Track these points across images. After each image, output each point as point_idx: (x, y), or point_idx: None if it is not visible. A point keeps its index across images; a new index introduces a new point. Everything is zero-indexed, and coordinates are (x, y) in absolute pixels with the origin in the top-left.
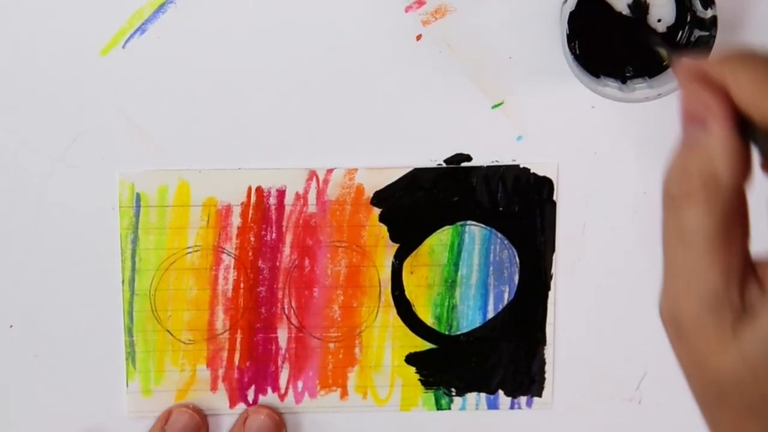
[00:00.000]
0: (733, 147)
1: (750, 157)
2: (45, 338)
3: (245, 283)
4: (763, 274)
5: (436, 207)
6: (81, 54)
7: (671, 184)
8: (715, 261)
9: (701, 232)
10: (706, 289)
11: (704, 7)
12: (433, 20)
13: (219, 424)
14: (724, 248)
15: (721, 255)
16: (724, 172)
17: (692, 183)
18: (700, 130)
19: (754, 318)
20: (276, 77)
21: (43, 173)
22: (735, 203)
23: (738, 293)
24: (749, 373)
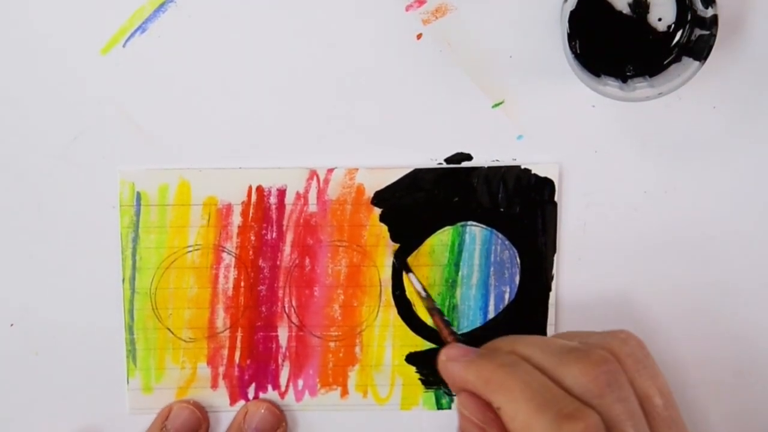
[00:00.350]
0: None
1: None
2: (46, 336)
3: (246, 281)
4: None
5: (436, 207)
6: (81, 53)
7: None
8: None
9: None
10: None
11: (705, 6)
12: (434, 19)
13: (219, 422)
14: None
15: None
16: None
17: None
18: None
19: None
20: (276, 76)
21: (44, 172)
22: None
23: None
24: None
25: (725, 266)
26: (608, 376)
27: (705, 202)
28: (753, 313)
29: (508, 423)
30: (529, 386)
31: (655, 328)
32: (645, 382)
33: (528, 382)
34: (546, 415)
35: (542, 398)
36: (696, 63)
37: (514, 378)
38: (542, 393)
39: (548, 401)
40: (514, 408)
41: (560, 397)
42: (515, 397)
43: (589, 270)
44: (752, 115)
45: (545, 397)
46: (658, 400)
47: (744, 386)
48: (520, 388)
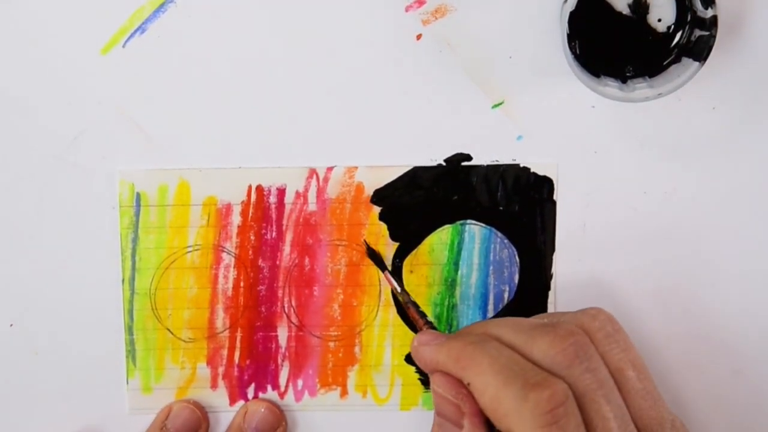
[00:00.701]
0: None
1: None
2: (45, 336)
3: (245, 281)
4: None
5: (436, 206)
6: (81, 53)
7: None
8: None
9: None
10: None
11: (704, 6)
12: (434, 20)
13: (219, 422)
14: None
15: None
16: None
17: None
18: (458, 426)
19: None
20: (276, 76)
21: (44, 172)
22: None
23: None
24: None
25: (725, 266)
26: (576, 347)
27: (704, 203)
28: (753, 312)
29: (479, 397)
30: (496, 360)
31: (654, 328)
32: (616, 355)
33: (496, 357)
34: (513, 385)
35: (509, 371)
36: (695, 64)
37: (482, 353)
38: (509, 366)
39: (515, 373)
40: (483, 381)
41: (527, 368)
42: (483, 370)
43: (588, 270)
44: (752, 116)
45: (513, 370)
46: (630, 373)
47: (743, 386)
48: (488, 362)
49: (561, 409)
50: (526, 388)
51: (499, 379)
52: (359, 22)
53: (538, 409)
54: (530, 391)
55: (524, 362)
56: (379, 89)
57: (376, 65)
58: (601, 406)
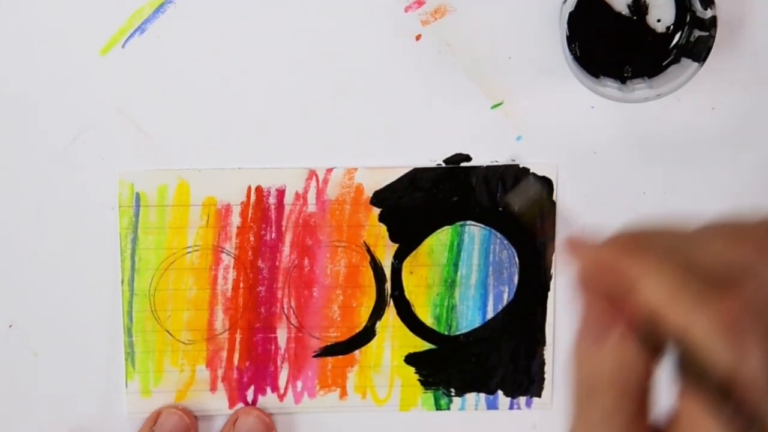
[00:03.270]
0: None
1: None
2: (44, 337)
3: (245, 282)
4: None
5: (435, 207)
6: (81, 53)
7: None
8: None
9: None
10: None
11: (704, 7)
12: (433, 20)
13: (219, 425)
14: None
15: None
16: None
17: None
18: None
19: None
20: (276, 77)
21: (43, 172)
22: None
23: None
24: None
25: None
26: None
27: (704, 203)
28: None
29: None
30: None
31: None
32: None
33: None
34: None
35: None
36: (695, 64)
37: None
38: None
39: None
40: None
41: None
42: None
43: None
44: (751, 117)
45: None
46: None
47: None
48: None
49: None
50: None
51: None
52: (359, 23)
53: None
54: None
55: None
56: (379, 90)
57: (375, 66)
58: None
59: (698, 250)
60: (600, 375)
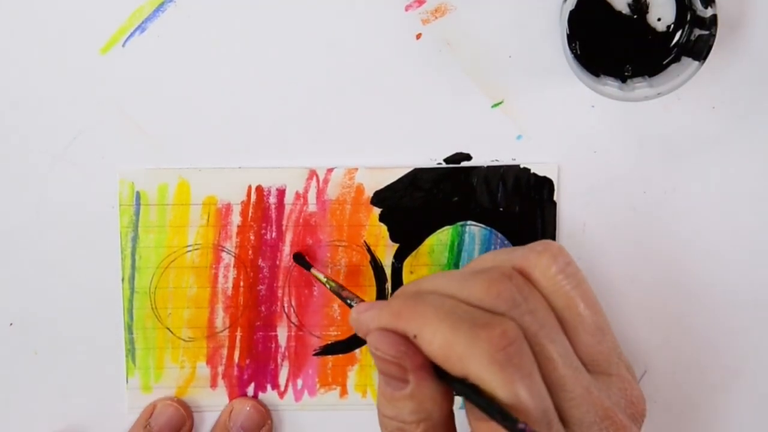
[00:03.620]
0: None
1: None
2: (45, 335)
3: (245, 281)
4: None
5: (436, 207)
6: (81, 52)
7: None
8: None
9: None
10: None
11: (704, 6)
12: (433, 19)
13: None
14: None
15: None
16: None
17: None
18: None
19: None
20: (276, 76)
21: (43, 171)
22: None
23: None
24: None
25: (724, 267)
26: (510, 291)
27: (704, 203)
28: (752, 312)
29: (427, 347)
30: (440, 308)
31: (653, 328)
32: (564, 291)
33: (439, 305)
34: (462, 328)
35: (456, 315)
36: (695, 63)
37: (425, 304)
38: (455, 311)
39: (462, 317)
40: (430, 330)
41: (472, 311)
42: (429, 320)
43: (588, 269)
44: (751, 116)
45: (458, 314)
46: (580, 308)
47: (742, 385)
48: (432, 311)
49: (514, 346)
50: (475, 329)
51: (446, 325)
52: (359, 22)
53: (491, 347)
54: (481, 330)
55: (467, 307)
56: (379, 89)
57: (376, 65)
58: (544, 346)
59: (465, 293)
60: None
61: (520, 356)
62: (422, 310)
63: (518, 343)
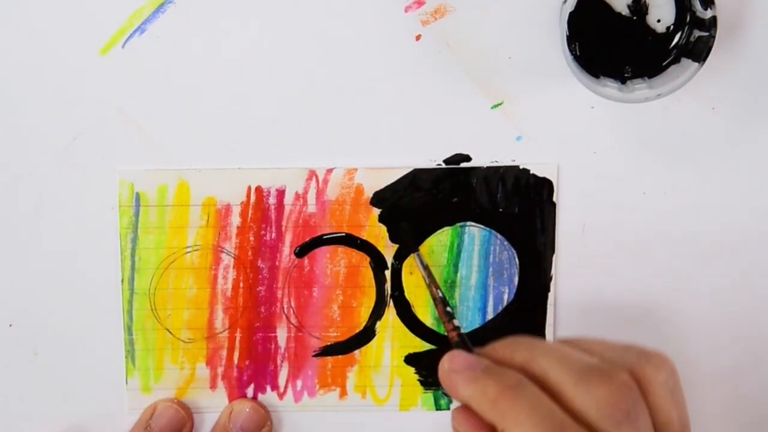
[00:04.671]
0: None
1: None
2: (45, 336)
3: (245, 282)
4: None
5: (435, 208)
6: (81, 53)
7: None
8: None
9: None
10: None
11: (704, 7)
12: (433, 20)
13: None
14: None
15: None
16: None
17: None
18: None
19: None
20: (275, 77)
21: (43, 172)
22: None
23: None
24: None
25: (724, 267)
26: (628, 404)
27: (704, 203)
28: (752, 312)
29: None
30: (536, 411)
31: (653, 328)
32: (668, 411)
33: (535, 407)
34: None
35: (549, 423)
36: (695, 64)
37: (522, 402)
38: (550, 419)
39: (554, 427)
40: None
41: (566, 423)
42: (521, 421)
43: (588, 271)
44: (751, 117)
45: (552, 422)
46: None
47: (742, 384)
48: (526, 413)
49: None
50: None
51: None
52: (359, 23)
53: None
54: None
55: (562, 414)
56: (379, 90)
57: (375, 66)
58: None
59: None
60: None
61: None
62: (518, 408)
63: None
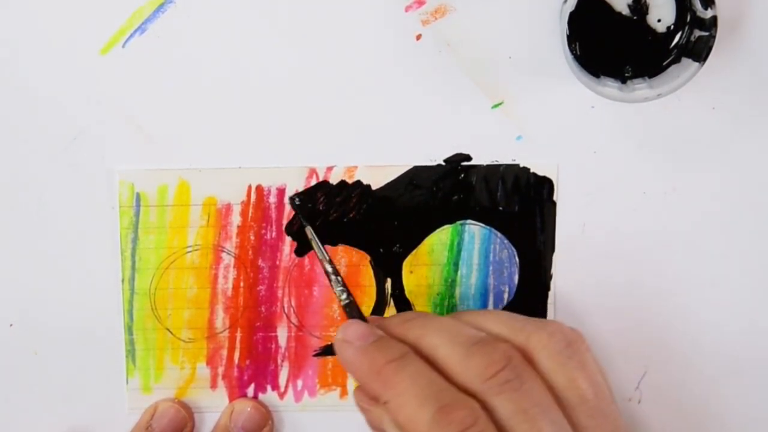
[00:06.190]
0: None
1: None
2: (45, 336)
3: (245, 281)
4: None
5: (435, 206)
6: (81, 53)
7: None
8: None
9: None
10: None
11: (704, 7)
12: (433, 20)
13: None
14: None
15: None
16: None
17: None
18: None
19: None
20: (276, 76)
21: (43, 172)
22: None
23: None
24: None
25: (724, 267)
26: (508, 372)
27: (704, 203)
28: (753, 312)
29: (394, 415)
30: (415, 382)
31: (654, 328)
32: (568, 372)
33: (416, 377)
34: (427, 407)
35: (426, 392)
36: (695, 64)
37: (403, 373)
38: (428, 387)
39: (431, 395)
40: (399, 402)
41: (444, 389)
42: (401, 392)
43: (587, 270)
44: (751, 116)
45: (430, 391)
46: (582, 390)
47: (741, 386)
48: (407, 383)
49: (472, 429)
50: (438, 411)
51: (414, 401)
52: (359, 22)
53: (447, 430)
54: (441, 412)
55: (442, 383)
56: (379, 89)
57: (375, 65)
58: (536, 423)
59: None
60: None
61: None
62: (398, 380)
63: (478, 426)
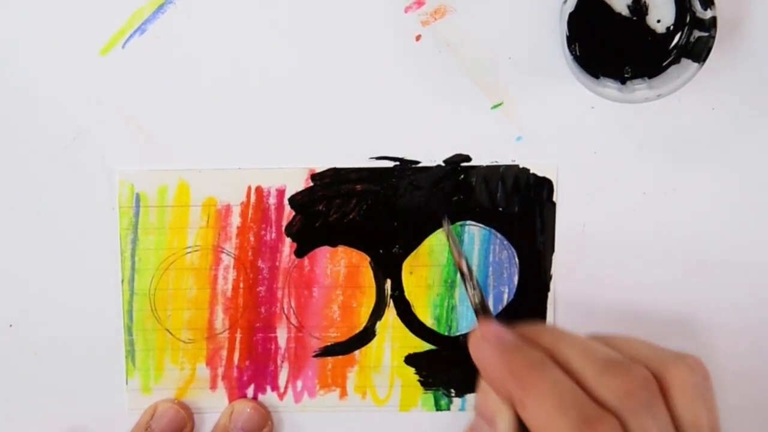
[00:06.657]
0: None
1: None
2: (45, 337)
3: (245, 282)
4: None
5: (435, 207)
6: (81, 53)
7: None
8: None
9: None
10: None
11: (704, 7)
12: (433, 20)
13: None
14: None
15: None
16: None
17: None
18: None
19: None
20: (276, 77)
21: (43, 172)
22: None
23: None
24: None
25: (724, 267)
26: (646, 396)
27: (704, 204)
28: (753, 312)
29: (528, 418)
30: (557, 387)
31: (654, 328)
32: (697, 412)
33: (558, 384)
34: (568, 416)
35: (568, 401)
36: (695, 65)
37: (544, 378)
38: (569, 395)
39: (573, 404)
40: (539, 406)
41: (586, 402)
42: (543, 396)
43: (587, 270)
44: (751, 116)
45: (572, 400)
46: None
47: (742, 384)
48: (549, 388)
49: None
50: (580, 422)
51: (554, 407)
52: (359, 23)
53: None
54: (584, 424)
55: (582, 394)
56: (379, 90)
57: (375, 66)
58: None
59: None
60: None
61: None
62: (540, 383)
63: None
